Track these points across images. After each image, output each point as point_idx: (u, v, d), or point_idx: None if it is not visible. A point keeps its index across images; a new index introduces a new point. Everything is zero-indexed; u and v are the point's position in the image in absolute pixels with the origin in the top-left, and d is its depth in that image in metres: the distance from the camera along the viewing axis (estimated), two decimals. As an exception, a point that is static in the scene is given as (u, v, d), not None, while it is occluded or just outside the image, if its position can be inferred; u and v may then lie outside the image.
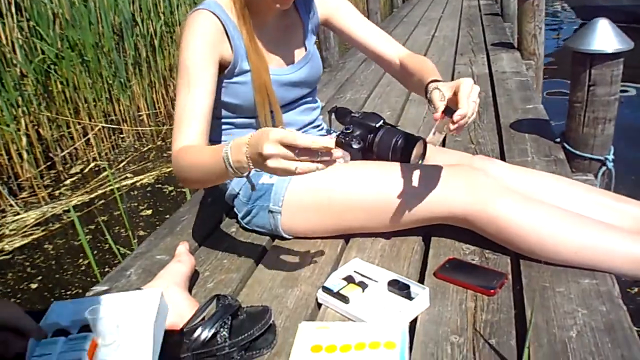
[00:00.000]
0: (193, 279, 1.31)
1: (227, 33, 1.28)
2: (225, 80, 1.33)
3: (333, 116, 1.55)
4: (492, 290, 1.14)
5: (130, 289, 1.31)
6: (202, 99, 1.23)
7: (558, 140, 1.89)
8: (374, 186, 1.29)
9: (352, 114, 1.48)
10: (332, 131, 1.54)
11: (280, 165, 0.94)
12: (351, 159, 1.37)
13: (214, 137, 1.38)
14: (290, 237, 1.42)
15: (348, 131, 1.40)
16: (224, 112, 1.39)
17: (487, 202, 1.20)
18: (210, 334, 1.01)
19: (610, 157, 1.80)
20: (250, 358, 1.04)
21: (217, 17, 1.26)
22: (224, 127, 1.41)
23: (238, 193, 1.42)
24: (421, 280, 1.22)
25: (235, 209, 1.48)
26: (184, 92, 1.23)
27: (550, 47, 5.88)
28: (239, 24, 1.29)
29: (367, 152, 1.39)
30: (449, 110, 1.14)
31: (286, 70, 1.40)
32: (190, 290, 1.26)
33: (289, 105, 1.44)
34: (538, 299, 1.12)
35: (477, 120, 2.24)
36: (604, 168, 1.81)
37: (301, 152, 0.93)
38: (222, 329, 1.02)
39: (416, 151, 1.36)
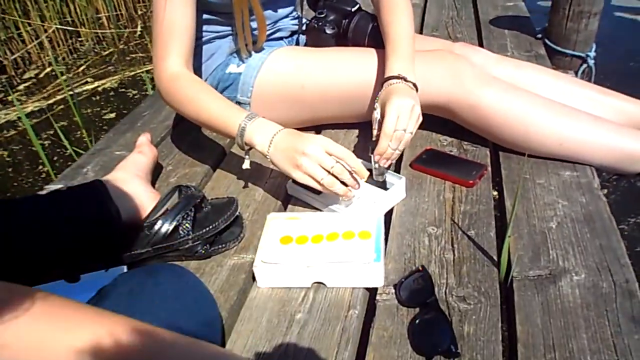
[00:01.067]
0: (155, 173, 1.22)
1: None
2: None
3: (305, 2, 1.42)
4: (471, 182, 1.09)
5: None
6: (187, 9, 1.08)
7: (539, 36, 1.80)
8: (349, 74, 1.19)
9: (325, -1, 1.36)
10: (302, 18, 1.42)
11: (311, 169, 0.94)
12: (325, 45, 1.26)
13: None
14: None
15: (321, 16, 1.29)
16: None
17: (471, 89, 1.12)
18: (171, 227, 0.94)
19: (592, 54, 1.72)
20: (216, 252, 0.98)
21: None
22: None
23: (205, 81, 1.31)
24: (397, 172, 1.16)
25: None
26: (166, 4, 1.07)
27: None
28: None
29: (341, 38, 1.29)
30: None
31: None
32: (153, 185, 1.18)
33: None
34: (518, 191, 1.07)
35: (455, 17, 2.12)
36: (584, 65, 1.73)
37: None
38: (184, 222, 0.95)
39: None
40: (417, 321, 0.81)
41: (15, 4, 3.86)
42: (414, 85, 1.07)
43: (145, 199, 1.04)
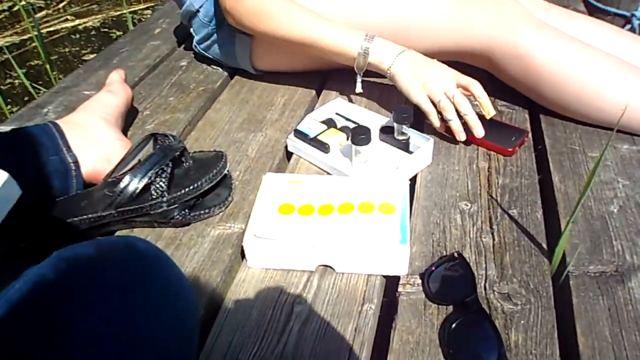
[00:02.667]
0: (129, 119, 1.02)
1: None
2: None
3: None
4: (510, 149, 0.90)
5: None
6: None
7: (578, -10, 1.59)
8: (374, 9, 0.98)
9: None
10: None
11: (437, 90, 0.89)
12: None
13: None
14: (257, 72, 1.12)
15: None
16: None
17: (520, 32, 0.92)
18: (141, 185, 0.73)
19: (639, 13, 1.52)
20: (197, 218, 0.78)
21: None
22: None
23: (198, 10, 1.09)
24: (419, 129, 0.96)
25: (192, 31, 1.16)
26: None
27: None
28: None
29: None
30: None
31: None
32: (124, 133, 0.97)
33: None
34: (567, 164, 0.89)
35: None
36: (628, 26, 1.53)
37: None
38: (158, 179, 0.74)
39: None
40: (452, 325, 0.62)
41: None
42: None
43: (112, 148, 0.84)
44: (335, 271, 0.70)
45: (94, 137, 0.84)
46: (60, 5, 3.45)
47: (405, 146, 0.87)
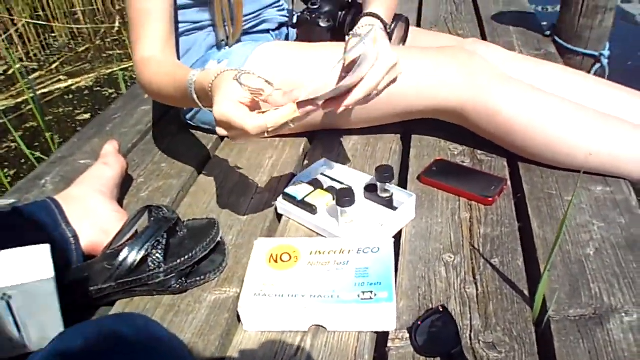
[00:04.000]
0: (124, 187, 1.06)
1: None
2: None
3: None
4: (490, 198, 0.94)
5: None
6: None
7: (548, 33, 1.66)
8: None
9: (319, -13, 1.20)
10: (293, 11, 1.26)
11: (232, 134, 0.76)
12: (319, 40, 1.11)
13: None
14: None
15: (314, 7, 1.13)
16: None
17: (489, 91, 0.97)
18: (139, 257, 0.77)
19: (606, 52, 1.59)
20: (193, 285, 0.81)
21: None
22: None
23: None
24: (403, 185, 1.00)
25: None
26: None
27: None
28: None
29: (336, 33, 1.14)
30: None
31: None
32: (120, 202, 1.01)
33: None
34: (545, 210, 0.93)
35: (455, 12, 1.98)
36: (597, 65, 1.60)
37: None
38: (154, 251, 0.78)
39: (397, 33, 1.12)
40: (440, 378, 0.65)
41: (-17, -3, 3.66)
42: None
43: (109, 220, 0.88)
44: (327, 330, 0.73)
45: (91, 211, 0.88)
46: (53, 66, 3.53)
47: (389, 203, 0.92)
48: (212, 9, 1.08)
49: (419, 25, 1.85)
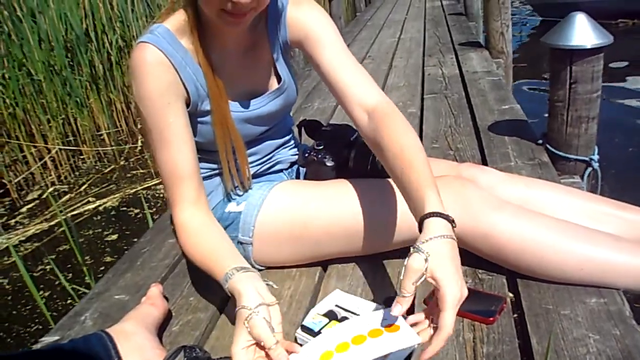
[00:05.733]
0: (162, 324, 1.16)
1: (178, 72, 1.07)
2: None
3: (303, 130, 1.42)
4: (491, 318, 1.02)
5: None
6: (184, 154, 1.09)
7: (540, 142, 1.80)
8: (354, 208, 1.16)
9: (323, 128, 1.35)
10: (303, 148, 1.40)
11: None
12: (324, 178, 1.24)
13: None
14: (262, 267, 1.28)
15: (320, 147, 1.27)
16: None
17: (481, 217, 1.08)
18: (172, 398, 0.86)
19: (596, 157, 1.71)
20: (222, 421, 0.89)
21: (163, 53, 1.05)
22: None
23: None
24: (409, 310, 1.09)
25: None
26: (161, 150, 1.09)
27: (514, 44, 5.91)
28: (193, 52, 1.09)
29: (341, 168, 1.27)
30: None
31: (254, 104, 1.19)
32: (160, 338, 1.11)
33: (257, 138, 1.26)
34: (543, 325, 1.01)
35: (454, 124, 2.13)
36: (589, 169, 1.71)
37: None
38: (186, 390, 0.87)
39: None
40: None
41: (20, 128, 3.95)
42: (452, 221, 0.91)
43: (151, 356, 0.98)
44: None
45: (139, 346, 0.98)
46: (82, 188, 3.74)
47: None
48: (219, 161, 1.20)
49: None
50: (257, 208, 1.19)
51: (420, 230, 0.90)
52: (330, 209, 1.16)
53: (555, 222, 1.10)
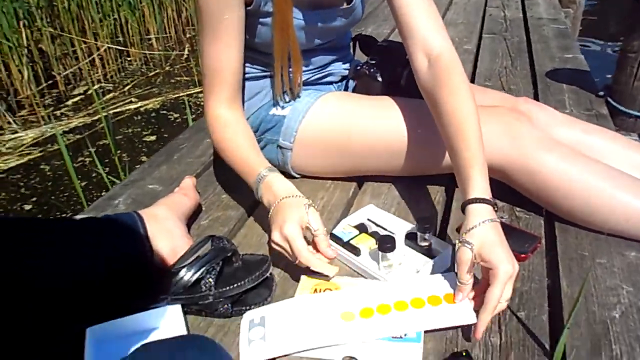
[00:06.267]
0: (191, 216, 1.17)
1: None
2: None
3: (357, 45, 1.37)
4: (523, 255, 1.00)
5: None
6: (231, 51, 1.07)
7: (601, 94, 1.70)
8: (400, 126, 1.12)
9: (379, 43, 1.30)
10: (355, 62, 1.36)
11: (281, 250, 0.94)
12: (374, 94, 1.20)
13: None
14: (298, 175, 1.27)
15: (373, 62, 1.23)
16: None
17: (531, 154, 1.04)
18: (193, 279, 0.88)
19: (659, 114, 1.62)
20: (238, 313, 0.90)
21: None
22: None
23: (247, 119, 1.26)
24: (441, 236, 1.07)
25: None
26: (210, 45, 1.06)
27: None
28: None
29: (393, 87, 1.22)
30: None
31: (319, 16, 1.14)
32: (188, 229, 1.12)
33: (314, 48, 1.22)
34: (576, 270, 0.98)
35: (510, 66, 2.04)
36: (650, 127, 1.63)
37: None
38: (208, 275, 0.88)
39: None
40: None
41: (73, 22, 3.96)
42: (495, 204, 0.91)
43: (179, 242, 0.99)
44: (359, 363, 0.81)
45: (168, 231, 0.99)
46: (126, 89, 3.77)
47: (427, 252, 0.99)
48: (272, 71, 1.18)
49: (472, 79, 1.92)
50: (302, 114, 1.17)
51: (463, 212, 0.90)
52: (376, 123, 1.13)
53: (607, 170, 1.05)
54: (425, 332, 0.84)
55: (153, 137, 3.01)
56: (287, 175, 1.28)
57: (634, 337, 0.84)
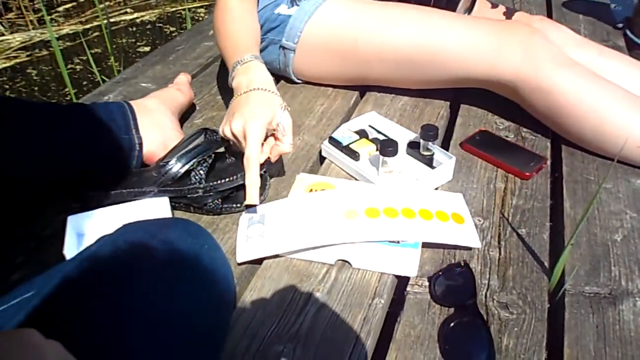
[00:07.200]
0: (184, 115, 1.11)
1: None
2: None
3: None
4: (527, 174, 0.96)
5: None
6: None
7: (620, 25, 1.63)
8: (410, 34, 1.05)
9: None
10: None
11: (231, 139, 0.85)
12: None
13: None
14: (299, 80, 1.21)
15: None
16: None
17: (544, 69, 0.98)
18: (182, 170, 0.83)
19: (676, 51, 1.55)
20: (228, 210, 0.87)
21: None
22: None
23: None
24: (444, 150, 1.03)
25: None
26: None
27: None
28: None
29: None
30: None
31: None
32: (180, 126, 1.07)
33: None
34: (580, 193, 0.94)
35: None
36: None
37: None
38: (198, 167, 0.84)
39: (463, 2, 1.13)
40: (451, 324, 0.69)
41: None
42: None
43: (170, 136, 0.94)
44: (352, 266, 0.78)
45: (158, 124, 0.94)
46: (121, -1, 3.62)
47: (429, 161, 0.95)
48: None
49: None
50: (308, 14, 1.10)
51: None
52: (386, 30, 1.06)
53: (622, 92, 0.99)
54: (423, 242, 0.81)
55: (147, 48, 2.90)
56: (288, 80, 1.23)
57: (634, 261, 0.81)
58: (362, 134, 0.99)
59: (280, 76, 1.26)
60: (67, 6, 3.48)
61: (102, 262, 0.50)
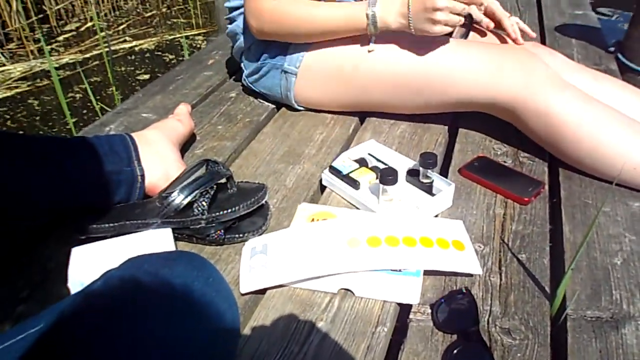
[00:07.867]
0: (185, 145, 1.13)
1: None
2: None
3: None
4: (526, 199, 0.97)
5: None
6: None
7: (612, 49, 1.66)
8: (410, 58, 1.08)
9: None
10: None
11: (448, 18, 0.97)
12: None
13: None
14: (300, 107, 1.23)
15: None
16: None
17: (543, 92, 1.00)
18: (185, 202, 0.84)
19: (668, 73, 1.58)
20: (231, 241, 0.87)
21: None
22: None
23: (249, 47, 1.21)
24: (443, 176, 1.04)
25: (242, 65, 1.28)
26: None
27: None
28: None
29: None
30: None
31: None
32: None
33: None
34: (579, 217, 0.95)
35: (518, 19, 1.98)
36: (657, 88, 1.59)
37: None
38: (201, 198, 0.85)
39: (459, 28, 1.15)
40: (454, 351, 0.70)
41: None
42: None
43: (172, 167, 0.95)
44: (355, 295, 0.78)
45: (160, 155, 0.95)
46: (120, 28, 3.67)
47: (428, 189, 0.96)
48: None
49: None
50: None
51: None
52: (386, 56, 1.08)
53: (618, 115, 1.01)
54: (425, 270, 0.81)
55: (147, 76, 2.94)
56: (288, 107, 1.25)
57: (635, 284, 0.82)
58: (361, 162, 1.01)
59: (279, 104, 1.27)
60: (67, 35, 3.52)
61: (109, 297, 0.51)
